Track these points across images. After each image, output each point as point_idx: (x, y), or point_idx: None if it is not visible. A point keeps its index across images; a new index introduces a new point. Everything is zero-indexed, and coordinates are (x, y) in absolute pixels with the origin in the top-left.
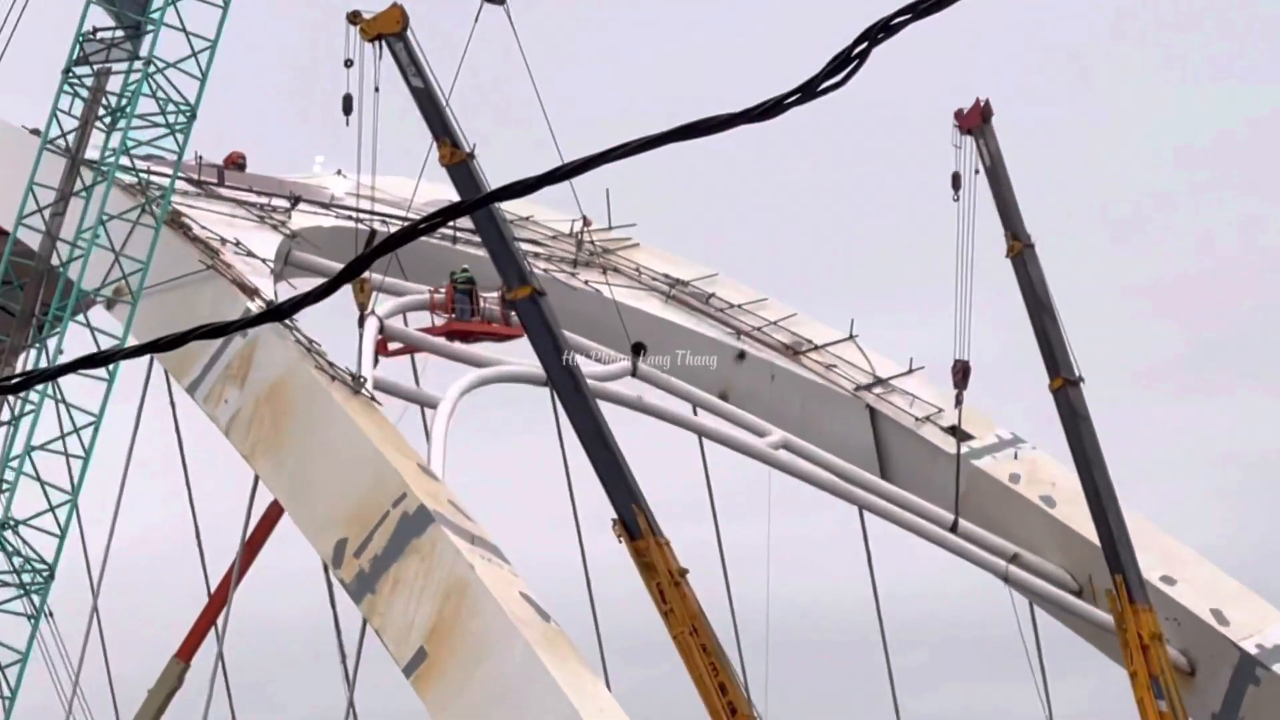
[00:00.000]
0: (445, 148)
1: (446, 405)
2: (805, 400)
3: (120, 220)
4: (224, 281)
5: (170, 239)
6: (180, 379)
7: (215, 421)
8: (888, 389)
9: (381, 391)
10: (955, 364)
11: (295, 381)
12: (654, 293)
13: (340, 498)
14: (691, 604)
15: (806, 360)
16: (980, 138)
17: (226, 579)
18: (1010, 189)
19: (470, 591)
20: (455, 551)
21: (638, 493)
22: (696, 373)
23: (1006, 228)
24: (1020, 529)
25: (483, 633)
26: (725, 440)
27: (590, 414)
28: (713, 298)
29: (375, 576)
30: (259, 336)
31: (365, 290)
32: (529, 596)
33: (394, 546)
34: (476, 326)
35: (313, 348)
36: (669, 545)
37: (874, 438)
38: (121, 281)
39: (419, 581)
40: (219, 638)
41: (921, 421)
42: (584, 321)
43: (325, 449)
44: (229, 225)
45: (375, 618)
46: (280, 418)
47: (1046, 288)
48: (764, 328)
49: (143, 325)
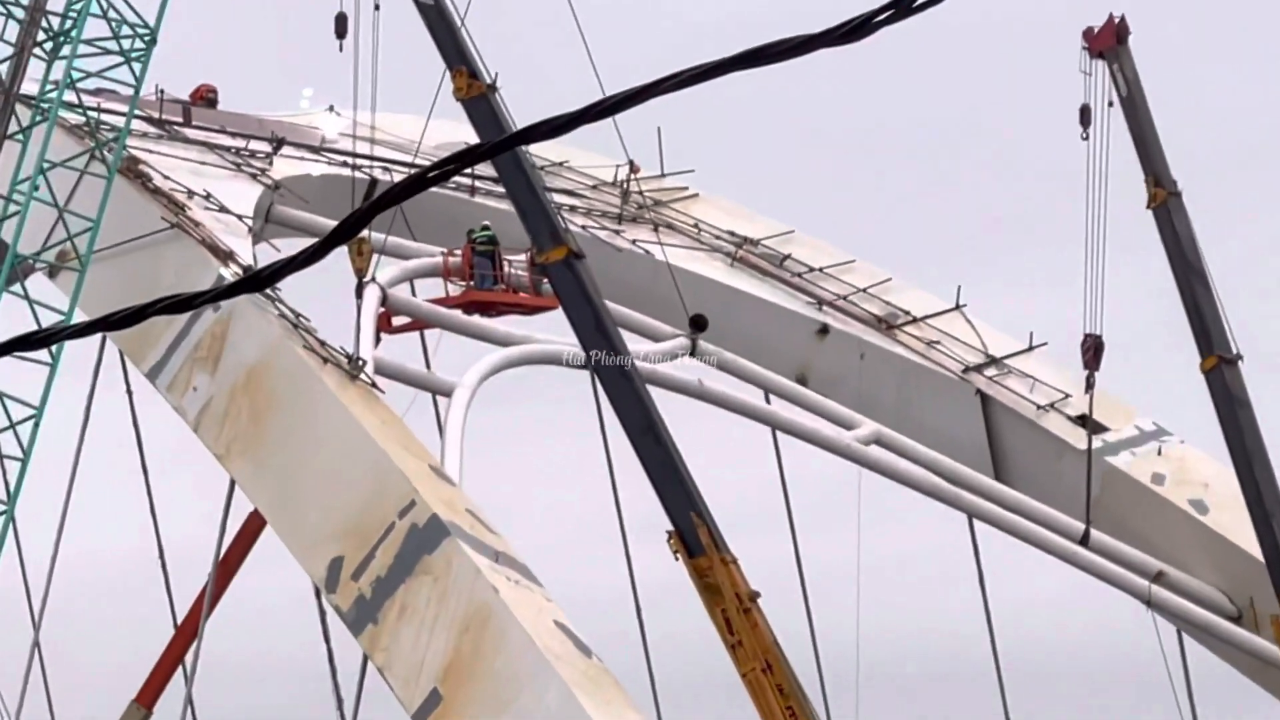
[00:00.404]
0: (461, 78)
1: (464, 393)
2: (902, 385)
3: (64, 169)
4: (191, 243)
5: (126, 191)
6: (139, 363)
7: (182, 414)
8: (1002, 370)
9: (384, 376)
10: (1085, 340)
11: (278, 365)
12: (717, 254)
13: (335, 507)
14: (764, 634)
15: (903, 335)
16: (1114, 62)
17: (197, 607)
18: (1151, 124)
19: (494, 621)
20: (475, 572)
21: (698, 499)
22: (769, 351)
23: (1147, 172)
24: (1165, 541)
25: (509, 671)
26: (804, 434)
27: (640, 403)
28: (788, 260)
29: (378, 603)
30: (234, 310)
31: (364, 253)
32: (565, 626)
33: (401, 566)
34: (500, 296)
35: (300, 323)
36: (737, 563)
37: (986, 430)
38: (67, 244)
39: (431, 609)
40: (188, 679)
41: (1044, 410)
42: (632, 290)
43: (316, 447)
44: (197, 174)
45: (378, 654)
46: (261, 410)
47: (1196, 245)
48: (851, 296)
49: (93, 297)
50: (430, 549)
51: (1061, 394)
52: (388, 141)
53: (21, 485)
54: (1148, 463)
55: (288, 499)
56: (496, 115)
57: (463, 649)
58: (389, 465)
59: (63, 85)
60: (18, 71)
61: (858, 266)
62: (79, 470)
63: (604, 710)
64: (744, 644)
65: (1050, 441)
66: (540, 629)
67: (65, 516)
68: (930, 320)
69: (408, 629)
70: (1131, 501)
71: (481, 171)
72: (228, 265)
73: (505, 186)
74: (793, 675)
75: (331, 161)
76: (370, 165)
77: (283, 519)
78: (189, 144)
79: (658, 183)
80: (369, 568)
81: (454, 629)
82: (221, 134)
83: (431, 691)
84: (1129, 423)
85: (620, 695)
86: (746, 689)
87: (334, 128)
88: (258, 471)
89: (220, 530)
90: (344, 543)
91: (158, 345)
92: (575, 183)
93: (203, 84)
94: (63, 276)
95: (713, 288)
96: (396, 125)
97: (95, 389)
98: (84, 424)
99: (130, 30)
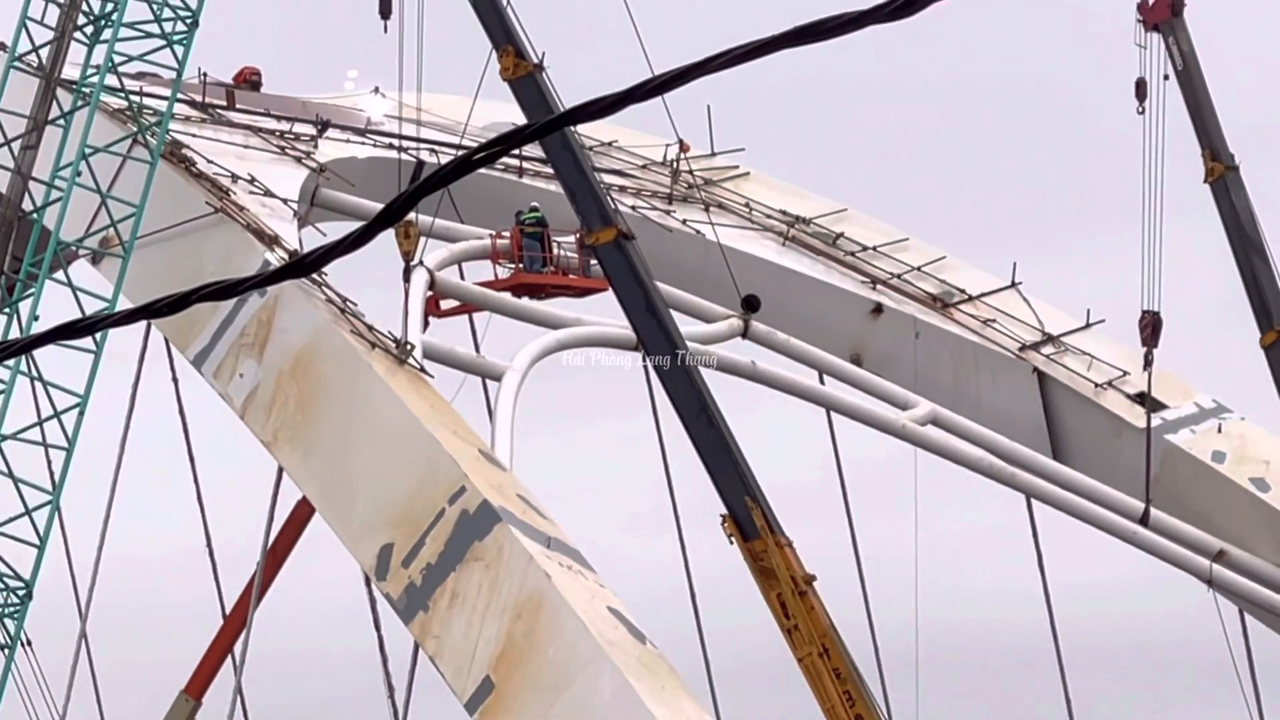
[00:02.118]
0: (508, 58)
1: (514, 377)
2: (958, 364)
3: (107, 154)
4: (236, 228)
5: (169, 176)
6: (184, 349)
7: (228, 401)
8: (1059, 348)
9: (433, 361)
10: (1143, 316)
11: (326, 350)
12: (769, 233)
13: (384, 494)
14: (821, 618)
15: (959, 314)
16: (1170, 35)
17: (245, 597)
18: (1208, 98)
19: (546, 607)
20: (527, 558)
21: (752, 482)
22: (823, 332)
23: (1204, 146)
24: (1227, 519)
25: (562, 658)
26: (859, 415)
27: (692, 385)
28: (841, 238)
29: (429, 591)
30: (280, 295)
31: (411, 236)
32: (619, 612)
33: (451, 553)
34: (549, 279)
35: (347, 308)
36: (792, 546)
37: (1044, 409)
38: (110, 230)
39: (483, 596)
40: (236, 669)
41: (1102, 388)
42: (683, 270)
43: (364, 433)
44: (241, 158)
45: (429, 641)
46: (308, 396)
47: (1255, 219)
48: (905, 275)
49: (137, 284)
50: (481, 535)
51: (1120, 371)
52: (434, 123)
53: (66, 475)
54: (1208, 440)
55: (336, 486)
56: (544, 95)
57: (515, 636)
58: (438, 451)
59: (104, 69)
60: (59, 56)
61: (912, 245)
62: (125, 459)
63: (659, 697)
64: (800, 628)
65: (1109, 420)
66: (593, 615)
67: (111, 506)
68: (986, 298)
69: (459, 617)
70: (1191, 480)
71: (530, 152)
72: (273, 250)
73: (554, 167)
74: (850, 659)
75: (377, 144)
76: (417, 147)
77: (331, 506)
78: (233, 128)
79: (708, 162)
80: (419, 555)
81: (506, 616)
82: (266, 117)
83: (484, 680)
84: (1188, 400)
85: (675, 681)
86: (803, 674)
87: (379, 109)
88: (306, 459)
89: (268, 518)
90: (394, 530)
91: (203, 331)
92: (624, 163)
93: (246, 66)
94: (106, 263)
95: (765, 268)
96: (443, 106)
97: (140, 376)
98: (129, 412)
99: (172, 13)
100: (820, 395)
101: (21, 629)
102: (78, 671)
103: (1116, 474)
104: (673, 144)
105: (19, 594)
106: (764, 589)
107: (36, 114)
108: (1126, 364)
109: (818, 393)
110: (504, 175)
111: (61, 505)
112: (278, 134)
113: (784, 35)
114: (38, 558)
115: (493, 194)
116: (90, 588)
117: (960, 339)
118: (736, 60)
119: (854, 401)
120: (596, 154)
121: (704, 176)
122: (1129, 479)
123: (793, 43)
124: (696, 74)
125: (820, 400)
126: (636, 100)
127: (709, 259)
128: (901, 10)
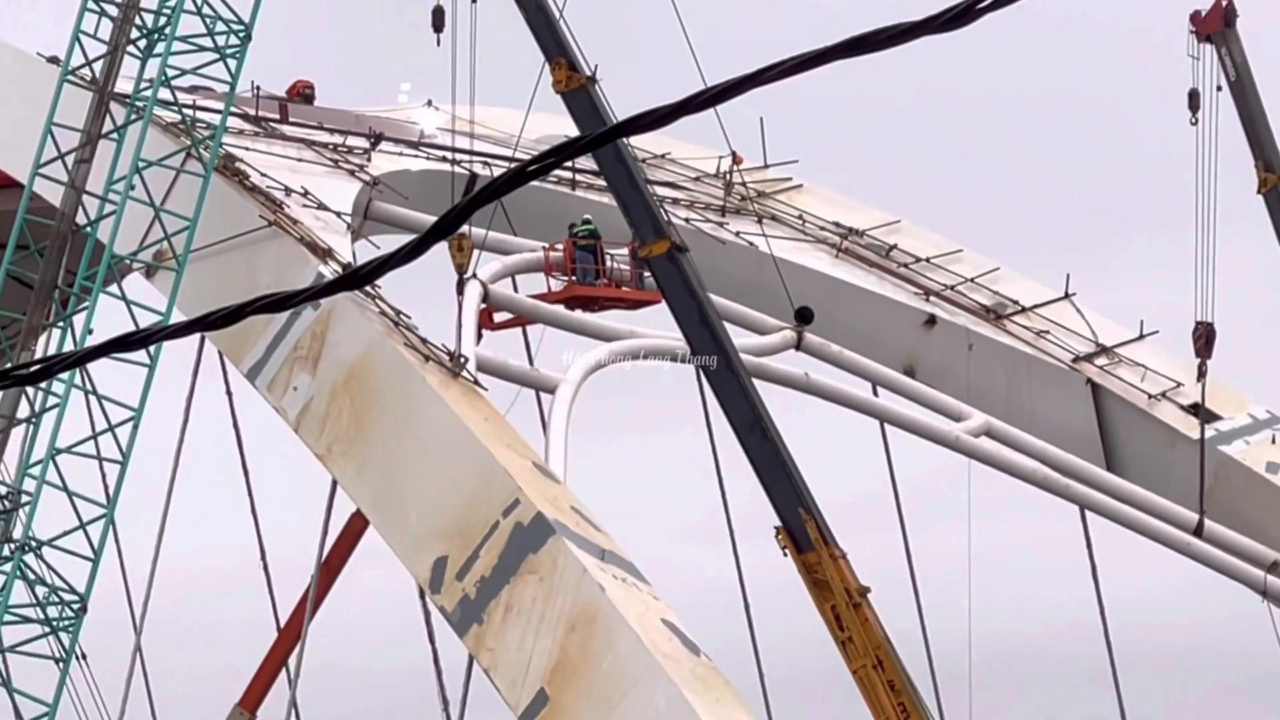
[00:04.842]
0: (560, 70)
1: (568, 389)
2: (1011, 375)
3: (161, 167)
4: (290, 241)
5: (222, 189)
6: (238, 363)
7: (282, 414)
8: (1113, 359)
9: (486, 373)
10: (1197, 327)
11: (380, 363)
12: (822, 245)
13: (438, 506)
14: (875, 630)
15: (1012, 325)
16: (1222, 45)
17: (300, 609)
18: (1261, 108)
19: (601, 619)
20: (581, 570)
21: (806, 494)
22: (876, 343)
23: (1257, 156)
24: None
25: (617, 671)
26: (913, 426)
27: (745, 397)
28: (894, 250)
29: (483, 603)
30: (334, 308)
31: (464, 249)
32: (673, 624)
33: (506, 565)
34: (602, 291)
35: (400, 321)
36: (846, 558)
37: (1097, 420)
38: (163, 243)
39: (537, 608)
40: (291, 682)
41: (1156, 399)
42: (736, 282)
43: (418, 446)
44: (294, 171)
45: (484, 654)
46: (362, 409)
47: None
48: (959, 286)
49: (191, 297)
50: (535, 548)
51: (1173, 383)
52: (487, 135)
53: (121, 488)
54: (1262, 451)
55: (390, 499)
56: (597, 107)
57: (569, 649)
58: (492, 463)
59: (157, 83)
60: (112, 70)
61: (965, 256)
62: (179, 472)
63: (713, 709)
64: (854, 640)
65: (1162, 431)
66: (648, 627)
67: (166, 519)
68: (1039, 310)
69: (513, 629)
70: (1246, 491)
71: (582, 165)
72: (326, 263)
73: (607, 179)
74: (904, 671)
75: (430, 156)
76: (469, 160)
77: (385, 519)
78: (286, 141)
79: (761, 174)
80: (473, 567)
81: (560, 628)
82: (319, 130)
83: (538, 692)
84: (1242, 411)
85: (730, 694)
86: (857, 686)
87: (432, 122)
88: (360, 471)
89: (322, 531)
90: (448, 542)
91: (257, 345)
92: (677, 175)
93: (299, 80)
94: (160, 276)
95: (818, 279)
96: (496, 119)
97: (194, 390)
98: (183, 425)
99: (225, 26)
100: (873, 407)
101: (76, 642)
102: (132, 685)
103: (1170, 485)
104: (726, 156)
105: (74, 607)
106: (818, 601)
107: (90, 128)
108: (1180, 375)
109: (871, 404)
110: (557, 188)
111: (116, 519)
112: (331, 147)
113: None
114: (92, 571)
115: (546, 206)
116: (145, 601)
117: (1014, 350)
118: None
119: (907, 413)
120: (649, 166)
121: (757, 188)
122: (1183, 490)
123: (846, 54)
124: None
125: (873, 412)
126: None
127: (762, 271)
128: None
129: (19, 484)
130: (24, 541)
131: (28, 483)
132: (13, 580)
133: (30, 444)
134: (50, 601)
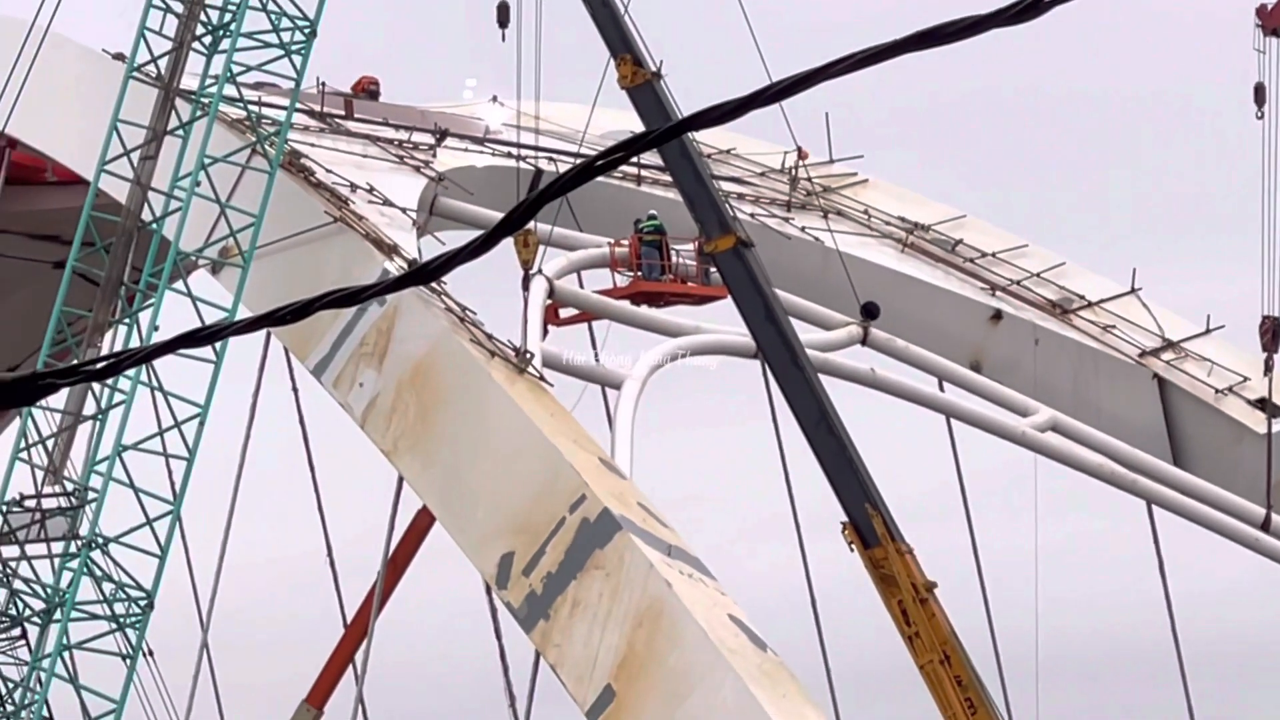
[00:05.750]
0: (626, 66)
1: (634, 385)
2: (1078, 370)
3: (226, 164)
4: (355, 237)
5: (288, 186)
6: (304, 359)
7: (348, 410)
8: (1180, 354)
9: (552, 369)
10: (1264, 321)
11: (445, 359)
12: (887, 240)
13: (504, 502)
14: (942, 625)
15: (1078, 320)
16: None
17: (366, 606)
18: None
19: (667, 615)
20: (648, 566)
21: (872, 489)
22: (942, 338)
23: None
24: None
25: (684, 666)
26: (979, 422)
27: (811, 392)
28: (960, 245)
29: (550, 599)
30: (400, 304)
31: (530, 244)
32: (740, 620)
33: (572, 561)
34: (668, 287)
35: (466, 317)
36: (913, 554)
37: (1164, 415)
38: (229, 240)
39: (604, 604)
40: (358, 678)
41: (1223, 394)
42: (802, 278)
43: (484, 442)
44: (360, 167)
45: (550, 650)
46: (428, 404)
47: None
48: (1025, 281)
49: (256, 293)
50: (602, 543)
51: (1240, 377)
52: (552, 131)
53: (187, 485)
54: None
55: (457, 495)
56: (662, 103)
57: (636, 644)
58: (559, 459)
59: (222, 79)
60: (177, 66)
61: (1030, 251)
62: (245, 469)
63: (780, 705)
64: (921, 635)
65: (1229, 425)
66: (714, 623)
67: (232, 516)
68: (1105, 304)
69: (580, 625)
70: None
71: (648, 160)
72: (392, 259)
73: (672, 175)
74: (971, 666)
75: (496, 152)
76: (535, 156)
77: (452, 515)
78: (351, 137)
79: (826, 169)
80: (540, 563)
81: (627, 624)
82: (384, 126)
83: (605, 688)
84: None
85: (796, 689)
86: (924, 681)
87: (498, 118)
88: (426, 467)
89: (389, 527)
90: (514, 538)
91: (322, 341)
92: (743, 170)
93: (365, 76)
94: (226, 273)
95: (884, 274)
96: (561, 115)
97: (260, 386)
98: (249, 422)
99: (290, 23)
100: (940, 402)
101: (143, 639)
102: (199, 681)
103: (1237, 480)
104: (791, 151)
105: (140, 604)
106: (885, 596)
107: (155, 124)
108: (1247, 369)
109: (937, 400)
110: (622, 183)
111: (182, 515)
112: (396, 143)
113: (905, 40)
114: (159, 568)
115: (611, 202)
116: (211, 597)
117: (1080, 345)
118: (857, 65)
119: (974, 408)
120: (715, 162)
121: (822, 184)
122: (1250, 484)
123: (914, 47)
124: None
125: (940, 407)
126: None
127: (828, 266)
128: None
129: (86, 480)
130: (91, 538)
131: (94, 479)
132: (80, 577)
133: (97, 441)
134: (117, 598)
